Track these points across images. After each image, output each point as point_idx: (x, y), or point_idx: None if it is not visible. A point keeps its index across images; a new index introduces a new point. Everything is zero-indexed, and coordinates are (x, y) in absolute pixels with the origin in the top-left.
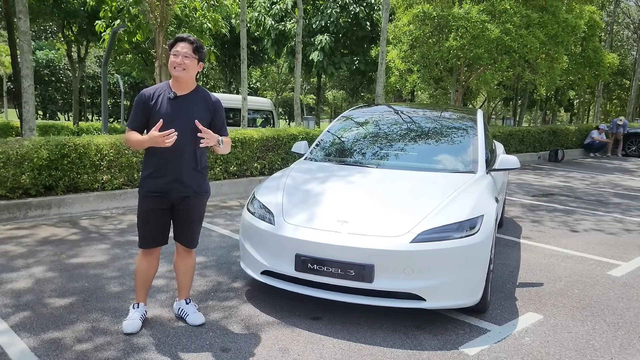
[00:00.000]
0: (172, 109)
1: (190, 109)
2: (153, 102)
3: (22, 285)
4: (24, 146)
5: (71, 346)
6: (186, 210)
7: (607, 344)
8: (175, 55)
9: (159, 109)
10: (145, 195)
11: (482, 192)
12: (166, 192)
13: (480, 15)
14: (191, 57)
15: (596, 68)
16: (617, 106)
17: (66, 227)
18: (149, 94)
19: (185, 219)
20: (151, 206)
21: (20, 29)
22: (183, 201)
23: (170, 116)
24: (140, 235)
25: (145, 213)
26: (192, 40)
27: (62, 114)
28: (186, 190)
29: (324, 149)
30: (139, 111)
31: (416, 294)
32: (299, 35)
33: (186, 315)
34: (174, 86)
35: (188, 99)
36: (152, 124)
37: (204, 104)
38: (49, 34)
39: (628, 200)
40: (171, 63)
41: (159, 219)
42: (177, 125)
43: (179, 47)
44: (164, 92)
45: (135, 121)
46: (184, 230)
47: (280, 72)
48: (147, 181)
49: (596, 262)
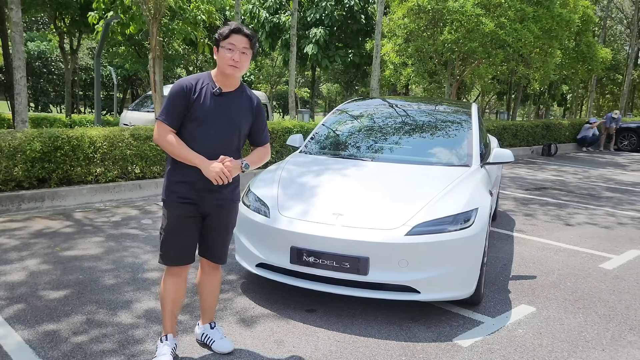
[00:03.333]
0: (215, 107)
1: (234, 109)
2: (196, 96)
3: (16, 278)
4: (16, 138)
5: (66, 338)
6: (219, 220)
7: (598, 336)
8: (231, 50)
9: (201, 105)
10: (177, 202)
11: (477, 185)
12: (200, 200)
13: (474, 9)
14: (248, 53)
15: (589, 63)
16: (610, 101)
17: (60, 219)
18: (190, 85)
19: (217, 230)
20: (183, 214)
21: (12, 19)
22: (216, 210)
23: (213, 114)
24: (167, 250)
25: (175, 222)
26: (249, 34)
27: (55, 106)
28: (222, 199)
29: (319, 142)
30: (178, 104)
31: (411, 286)
32: (293, 28)
33: (212, 342)
34: (220, 81)
35: (233, 97)
36: (189, 120)
37: (248, 105)
38: (40, 25)
39: (620, 194)
40: (224, 58)
41: (191, 229)
42: (218, 125)
43: (234, 40)
44: (207, 86)
45: (172, 115)
46: (214, 243)
47: (275, 65)
48: (179, 187)
49: (588, 255)
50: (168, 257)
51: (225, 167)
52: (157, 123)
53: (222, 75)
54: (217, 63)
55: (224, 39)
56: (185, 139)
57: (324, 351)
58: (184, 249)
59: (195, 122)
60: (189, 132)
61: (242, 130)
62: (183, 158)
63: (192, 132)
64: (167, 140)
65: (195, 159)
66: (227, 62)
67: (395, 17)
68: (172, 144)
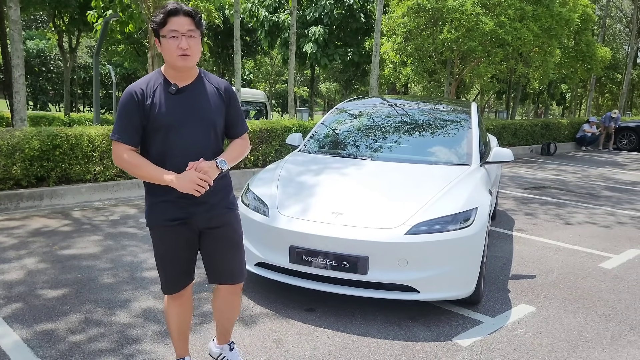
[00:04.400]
0: (176, 108)
1: (200, 103)
2: (150, 102)
3: (14, 277)
4: (15, 137)
5: (64, 337)
6: (223, 234)
7: (598, 335)
8: (175, 38)
9: (159, 111)
10: (163, 226)
11: (476, 184)
12: (189, 217)
13: (474, 7)
14: (196, 35)
15: (589, 62)
16: (609, 100)
17: (58, 218)
18: (141, 91)
19: (223, 246)
20: (174, 237)
21: (11, 17)
22: (212, 224)
23: (177, 118)
24: (164, 278)
25: (165, 249)
26: (190, 11)
27: (53, 105)
28: (216, 209)
29: (318, 140)
30: (132, 115)
31: (410, 285)
32: (292, 26)
33: None
34: (172, 76)
35: (194, 90)
36: (152, 132)
37: (215, 93)
38: (39, 24)
39: (619, 193)
40: (170, 50)
41: (184, 252)
42: (187, 129)
43: (175, 24)
44: (160, 86)
45: (128, 130)
46: (226, 262)
47: (274, 64)
48: (162, 207)
49: (588, 254)
50: (168, 287)
51: (198, 173)
52: (113, 144)
53: (173, 69)
54: (163, 57)
55: (161, 27)
56: (153, 155)
57: (323, 350)
58: (181, 274)
59: (160, 132)
60: (155, 145)
61: (217, 126)
62: (149, 178)
63: (160, 145)
64: (129, 160)
65: (164, 175)
66: (175, 52)
67: (395, 15)
68: (135, 164)
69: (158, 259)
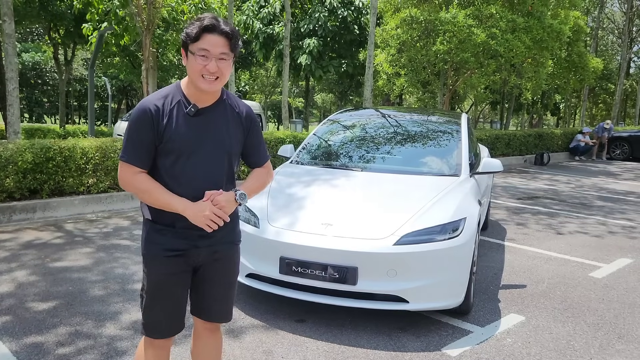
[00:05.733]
0: (192, 132)
1: (218, 128)
2: (167, 121)
3: (5, 289)
4: (8, 149)
5: (53, 350)
6: (220, 269)
7: (587, 345)
8: (204, 57)
9: (173, 133)
10: (162, 257)
11: (465, 195)
12: (191, 250)
13: (466, 19)
14: (228, 59)
15: (581, 72)
16: (603, 110)
17: (50, 230)
18: (157, 108)
19: (220, 283)
20: (171, 270)
21: (5, 31)
22: (214, 259)
23: (193, 142)
24: (152, 318)
25: (161, 283)
26: (228, 32)
27: (49, 117)
28: (223, 242)
29: (310, 152)
30: (145, 135)
31: (399, 295)
32: (287, 38)
33: None
34: (194, 95)
35: (213, 112)
36: (163, 154)
37: (235, 118)
38: (35, 37)
39: (611, 203)
40: (196, 69)
41: (181, 288)
42: (202, 155)
43: (208, 42)
44: (177, 105)
45: (139, 151)
46: (217, 299)
47: (269, 76)
48: (162, 235)
49: (578, 264)
50: (154, 329)
51: (215, 206)
52: (121, 165)
53: (194, 88)
54: (187, 72)
55: (193, 42)
56: (162, 179)
57: None
58: (174, 316)
59: (172, 155)
60: (165, 169)
61: (234, 153)
62: (160, 204)
63: (170, 169)
64: (137, 184)
65: (177, 203)
66: (201, 73)
67: (388, 27)
68: (145, 189)
69: (149, 295)
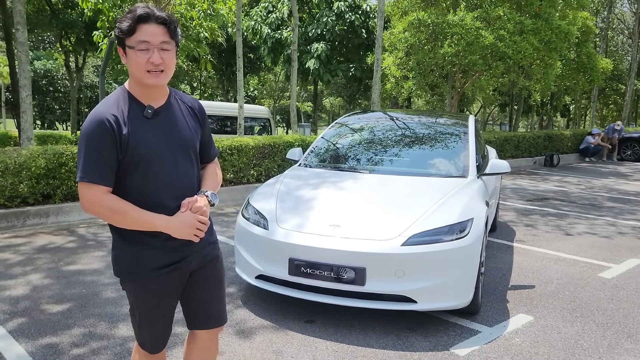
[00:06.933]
0: (155, 135)
1: (179, 127)
2: (127, 130)
3: (20, 292)
4: (22, 155)
5: (68, 350)
6: (212, 271)
7: (595, 344)
8: (145, 50)
9: (137, 140)
10: (152, 277)
11: (473, 195)
12: (185, 258)
13: (474, 22)
14: (171, 48)
15: (590, 73)
16: (614, 111)
17: (63, 235)
18: (114, 118)
19: (214, 284)
20: (164, 288)
21: (18, 39)
22: (205, 262)
23: (157, 147)
24: (150, 337)
25: (155, 304)
26: (164, 18)
27: (61, 124)
28: (207, 244)
29: (318, 155)
30: (106, 150)
31: (407, 296)
32: (294, 43)
33: None
34: (143, 96)
35: (170, 111)
36: (128, 167)
37: (190, 114)
38: (47, 44)
39: (621, 204)
40: (138, 64)
41: (171, 305)
42: (169, 160)
43: (145, 33)
44: (132, 109)
45: (101, 169)
46: (209, 300)
47: (278, 80)
48: (149, 255)
49: (588, 264)
50: (151, 346)
51: (196, 215)
52: (82, 187)
53: (142, 86)
54: (129, 71)
55: (128, 35)
56: (132, 194)
57: None
58: (165, 330)
59: (140, 165)
60: (134, 182)
61: (196, 151)
62: (137, 225)
63: (140, 181)
64: (109, 204)
65: (158, 221)
66: (145, 68)
67: (396, 31)
68: (118, 210)
69: (144, 317)
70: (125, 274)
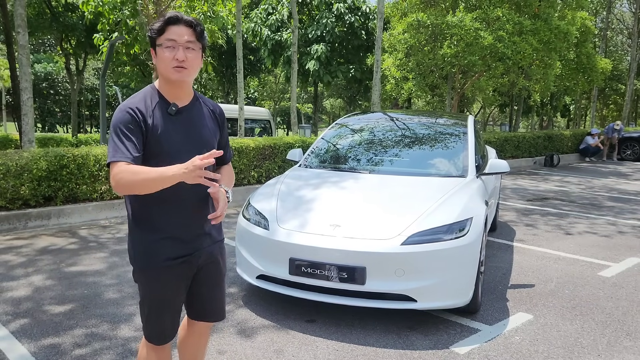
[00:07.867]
0: (176, 132)
1: (200, 127)
2: (152, 122)
3: (22, 293)
4: (23, 158)
5: (70, 351)
6: (216, 269)
7: (594, 342)
8: (172, 48)
9: (159, 134)
10: (165, 267)
11: (472, 195)
12: (195, 252)
13: (473, 23)
14: (196, 48)
15: (589, 73)
16: (614, 111)
17: (65, 236)
18: (139, 110)
19: (217, 281)
20: (176, 279)
21: (19, 42)
22: (210, 259)
23: (177, 143)
24: (159, 328)
25: (165, 294)
26: (192, 22)
27: (61, 126)
28: (215, 242)
29: (318, 155)
30: (133, 136)
31: (407, 295)
32: (294, 45)
33: None
34: (170, 93)
35: (192, 112)
36: (147, 158)
37: (211, 116)
38: (47, 47)
39: (622, 203)
40: (165, 60)
41: (181, 295)
42: (189, 155)
43: (173, 33)
44: (158, 105)
45: (129, 149)
46: (212, 298)
47: (278, 82)
48: (163, 245)
49: (587, 263)
50: (160, 338)
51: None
52: (113, 167)
53: (168, 84)
54: (158, 70)
55: (159, 35)
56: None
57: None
58: (174, 321)
59: (158, 158)
60: None
61: None
62: (152, 182)
63: None
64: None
65: (168, 171)
66: (170, 64)
67: (396, 32)
68: (131, 171)
69: (153, 307)
70: (139, 262)
